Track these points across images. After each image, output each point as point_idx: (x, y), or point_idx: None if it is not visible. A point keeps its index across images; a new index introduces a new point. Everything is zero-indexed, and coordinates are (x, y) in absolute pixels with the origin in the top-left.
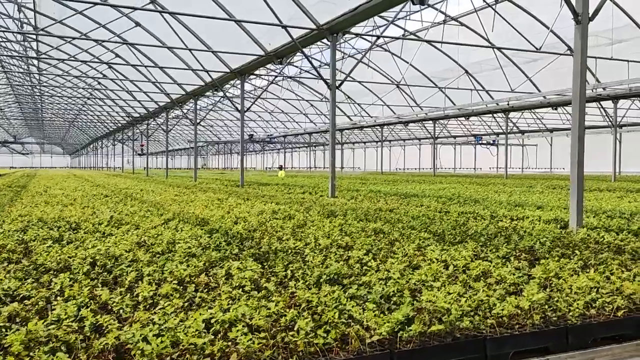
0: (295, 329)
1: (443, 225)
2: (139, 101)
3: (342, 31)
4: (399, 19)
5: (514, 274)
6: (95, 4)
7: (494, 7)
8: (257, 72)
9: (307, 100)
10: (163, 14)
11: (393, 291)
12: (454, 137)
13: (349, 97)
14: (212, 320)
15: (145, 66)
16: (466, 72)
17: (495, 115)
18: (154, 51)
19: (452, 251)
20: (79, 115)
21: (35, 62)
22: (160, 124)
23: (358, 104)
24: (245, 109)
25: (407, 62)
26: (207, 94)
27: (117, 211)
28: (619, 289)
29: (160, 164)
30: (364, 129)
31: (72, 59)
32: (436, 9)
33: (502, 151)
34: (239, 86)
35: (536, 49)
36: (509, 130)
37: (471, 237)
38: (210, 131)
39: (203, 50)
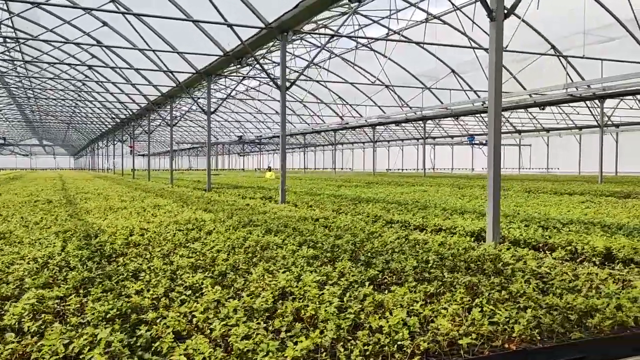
0: None
1: (350, 237)
2: (122, 103)
3: (291, 30)
4: (384, 18)
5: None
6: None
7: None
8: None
9: (299, 101)
10: (126, 14)
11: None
12: (452, 137)
13: (341, 97)
14: None
15: (120, 68)
16: (452, 71)
17: (482, 115)
18: (129, 53)
19: (306, 276)
20: (73, 117)
21: (21, 62)
22: (143, 126)
23: (350, 105)
24: (212, 111)
25: (395, 62)
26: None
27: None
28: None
29: (164, 164)
30: (356, 129)
31: (57, 61)
32: (420, 8)
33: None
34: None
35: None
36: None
37: (363, 253)
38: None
39: (168, 51)
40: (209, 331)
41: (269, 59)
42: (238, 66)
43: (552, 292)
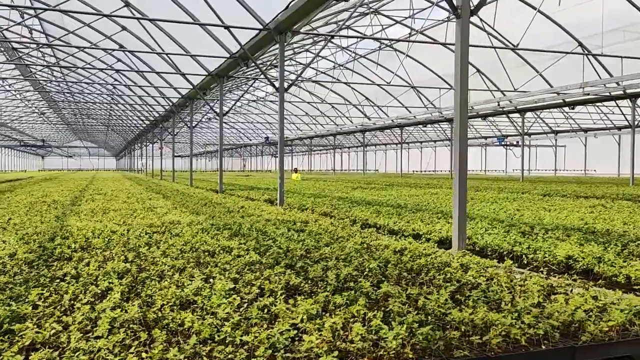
0: None
1: (312, 242)
2: (149, 105)
3: (289, 30)
4: (406, 18)
5: None
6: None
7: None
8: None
9: (329, 103)
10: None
11: None
12: (485, 137)
13: (367, 99)
14: None
15: (142, 72)
16: (478, 71)
17: (510, 115)
18: (150, 57)
19: (219, 283)
20: (109, 119)
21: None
22: (168, 129)
23: (377, 106)
24: (224, 113)
25: (419, 62)
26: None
27: None
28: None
29: (198, 165)
30: (384, 130)
31: (89, 66)
32: (441, 7)
33: (528, 153)
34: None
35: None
36: (525, 131)
37: (310, 259)
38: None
39: (182, 54)
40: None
41: (289, 60)
42: (244, 68)
43: (467, 305)
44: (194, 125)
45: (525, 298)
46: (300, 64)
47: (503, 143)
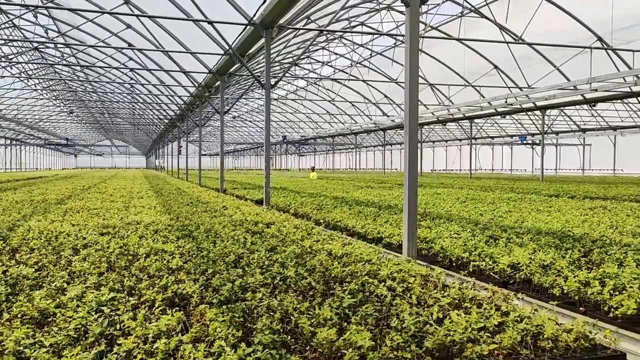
0: None
1: (257, 246)
2: (165, 104)
3: (275, 25)
4: (422, 13)
5: None
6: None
7: None
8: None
9: (349, 101)
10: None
11: None
12: (511, 136)
13: (386, 96)
14: None
15: (152, 70)
16: (495, 67)
17: (529, 113)
18: (160, 56)
19: (105, 290)
20: (133, 118)
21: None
22: (182, 127)
23: (397, 104)
24: (225, 110)
25: (435, 58)
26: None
27: None
28: None
29: (228, 164)
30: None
31: (102, 63)
32: (455, 2)
33: (551, 151)
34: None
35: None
36: (546, 129)
37: (239, 265)
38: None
39: (182, 51)
40: None
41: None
42: (239, 65)
43: (351, 322)
44: (203, 124)
45: (430, 314)
46: (318, 61)
47: (525, 142)
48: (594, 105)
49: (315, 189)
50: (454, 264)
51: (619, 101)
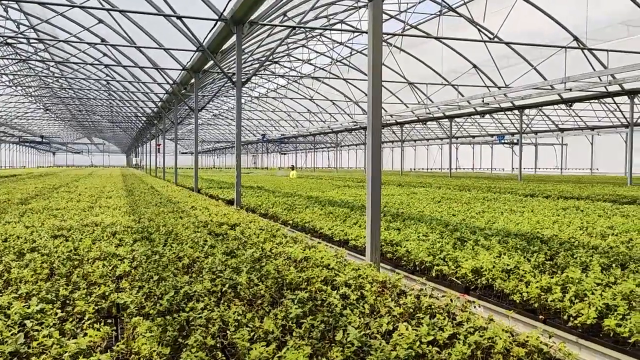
0: None
1: (209, 249)
2: (142, 102)
3: (246, 21)
4: (401, 12)
5: None
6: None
7: None
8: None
9: (330, 100)
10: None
11: None
12: (492, 135)
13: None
14: None
15: (127, 66)
16: (474, 66)
17: (507, 112)
18: (135, 52)
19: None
20: (111, 115)
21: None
22: (158, 124)
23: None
24: (200, 108)
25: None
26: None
27: None
28: None
29: (203, 162)
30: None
31: (76, 58)
32: (435, 1)
33: (530, 150)
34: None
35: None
36: (524, 129)
37: (182, 270)
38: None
39: (156, 47)
40: None
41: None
42: (211, 62)
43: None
44: (180, 121)
45: (379, 326)
46: (298, 59)
47: (503, 141)
48: (571, 105)
49: (292, 188)
50: (417, 268)
51: (596, 101)
